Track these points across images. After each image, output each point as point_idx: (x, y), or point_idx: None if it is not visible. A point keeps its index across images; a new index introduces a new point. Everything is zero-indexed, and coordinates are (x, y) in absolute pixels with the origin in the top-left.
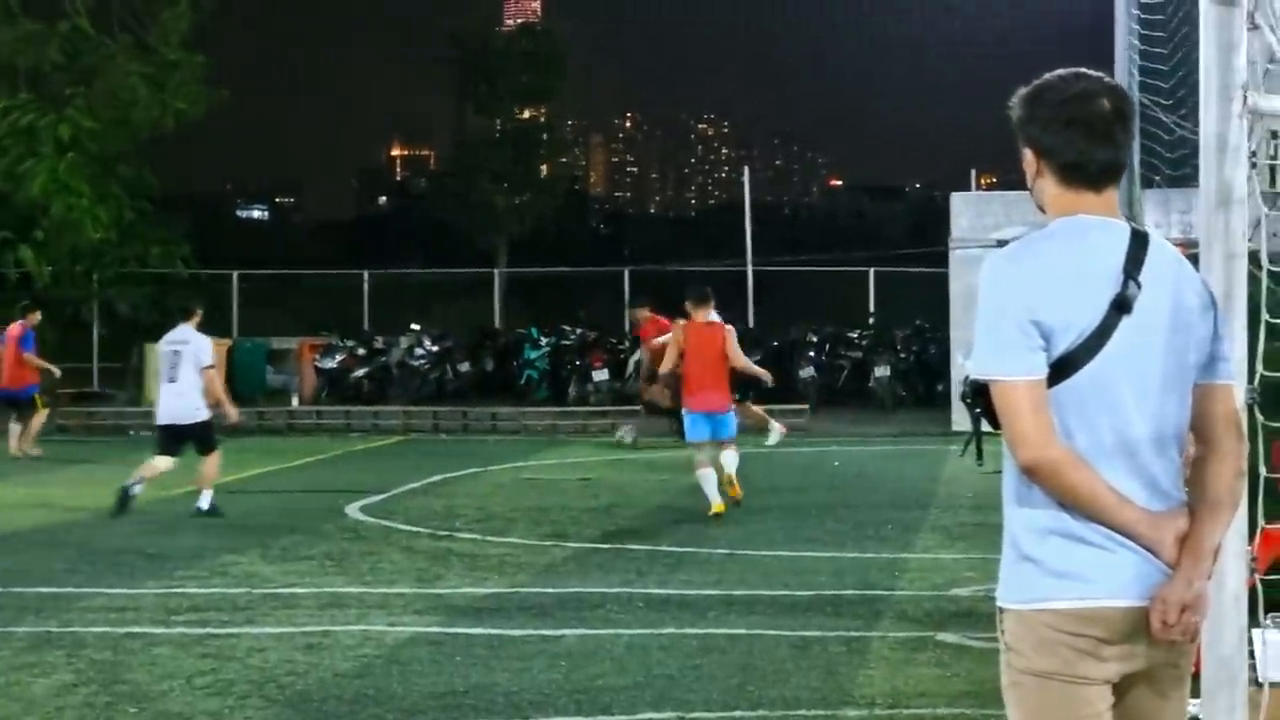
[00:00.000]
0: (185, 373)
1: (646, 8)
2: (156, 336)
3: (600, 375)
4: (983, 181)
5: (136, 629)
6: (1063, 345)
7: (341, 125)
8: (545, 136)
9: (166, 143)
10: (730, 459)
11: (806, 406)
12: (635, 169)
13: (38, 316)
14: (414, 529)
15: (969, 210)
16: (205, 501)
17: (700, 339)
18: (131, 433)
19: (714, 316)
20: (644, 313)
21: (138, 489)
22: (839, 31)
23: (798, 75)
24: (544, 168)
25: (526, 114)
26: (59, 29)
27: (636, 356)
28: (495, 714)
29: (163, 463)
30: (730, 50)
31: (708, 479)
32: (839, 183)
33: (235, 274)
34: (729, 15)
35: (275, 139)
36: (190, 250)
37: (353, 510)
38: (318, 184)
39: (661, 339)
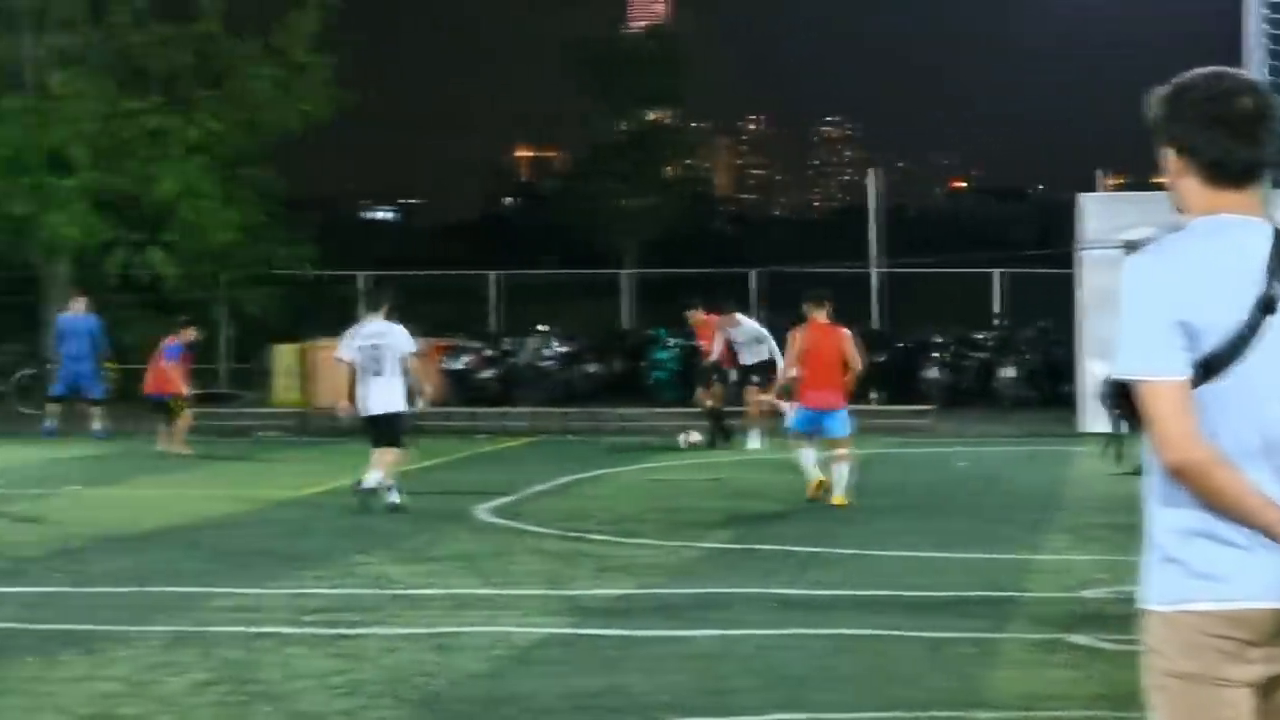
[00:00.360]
0: (390, 365)
1: (772, 10)
2: (284, 338)
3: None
4: (1108, 183)
5: (269, 629)
6: (1208, 346)
7: (468, 127)
8: (671, 138)
9: (294, 145)
10: (841, 470)
11: (932, 407)
12: (760, 171)
13: (191, 334)
14: (543, 530)
15: (1100, 211)
16: (373, 481)
17: (818, 340)
18: (258, 434)
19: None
20: (698, 314)
21: (385, 486)
22: (964, 33)
23: (923, 77)
24: (669, 169)
25: (652, 116)
26: (189, 32)
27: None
28: (626, 715)
29: (393, 455)
30: (855, 52)
31: (807, 456)
32: (963, 184)
33: (361, 275)
34: (854, 17)
35: (401, 141)
36: (317, 252)
37: (481, 512)
38: (444, 185)
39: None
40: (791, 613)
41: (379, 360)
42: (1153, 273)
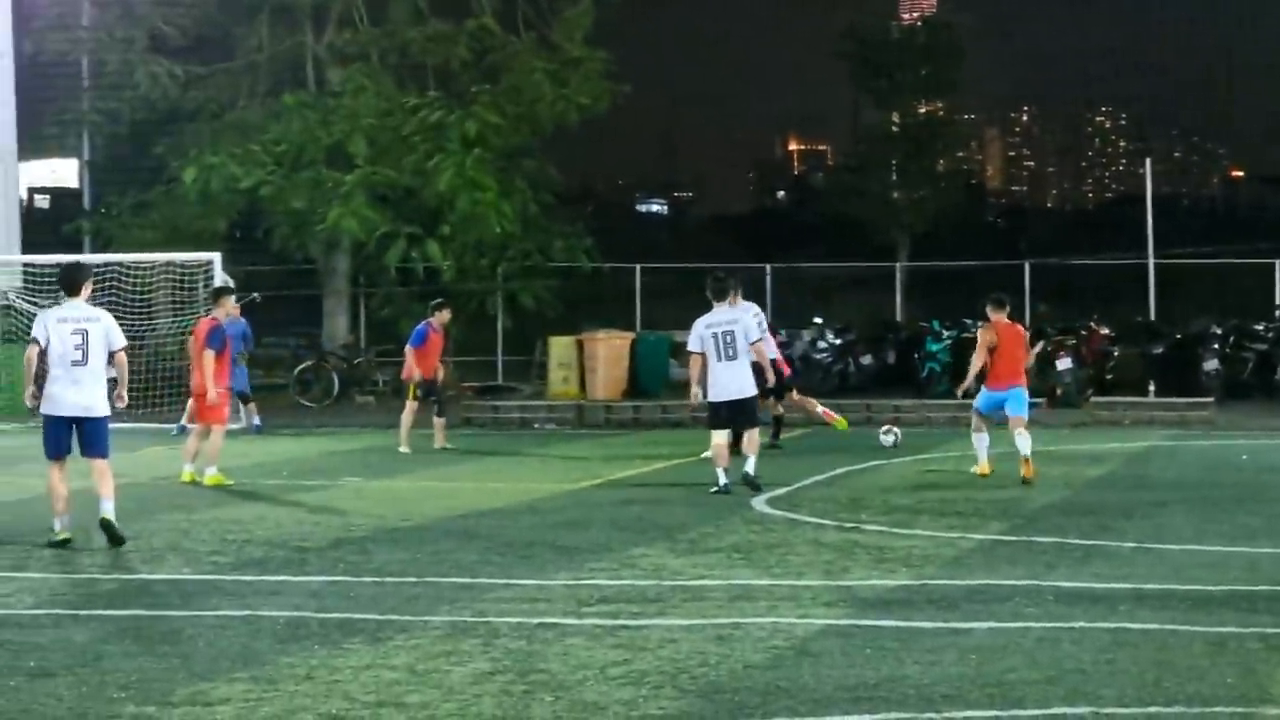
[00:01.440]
0: (741, 349)
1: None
2: (561, 330)
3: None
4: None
5: (549, 619)
6: None
7: (738, 120)
8: (942, 130)
9: (568, 137)
10: (1023, 442)
11: (1210, 399)
12: (1032, 162)
13: (446, 315)
14: (820, 521)
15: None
16: (751, 466)
17: (1004, 336)
18: (537, 425)
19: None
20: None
21: (752, 465)
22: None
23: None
24: (941, 162)
25: (924, 108)
26: (466, 28)
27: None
28: (906, 707)
29: (719, 436)
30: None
31: (982, 441)
32: (1240, 173)
33: (638, 267)
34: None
35: (673, 133)
36: (592, 244)
37: (758, 503)
38: (715, 178)
39: None
40: (1072, 606)
41: (731, 345)
42: None
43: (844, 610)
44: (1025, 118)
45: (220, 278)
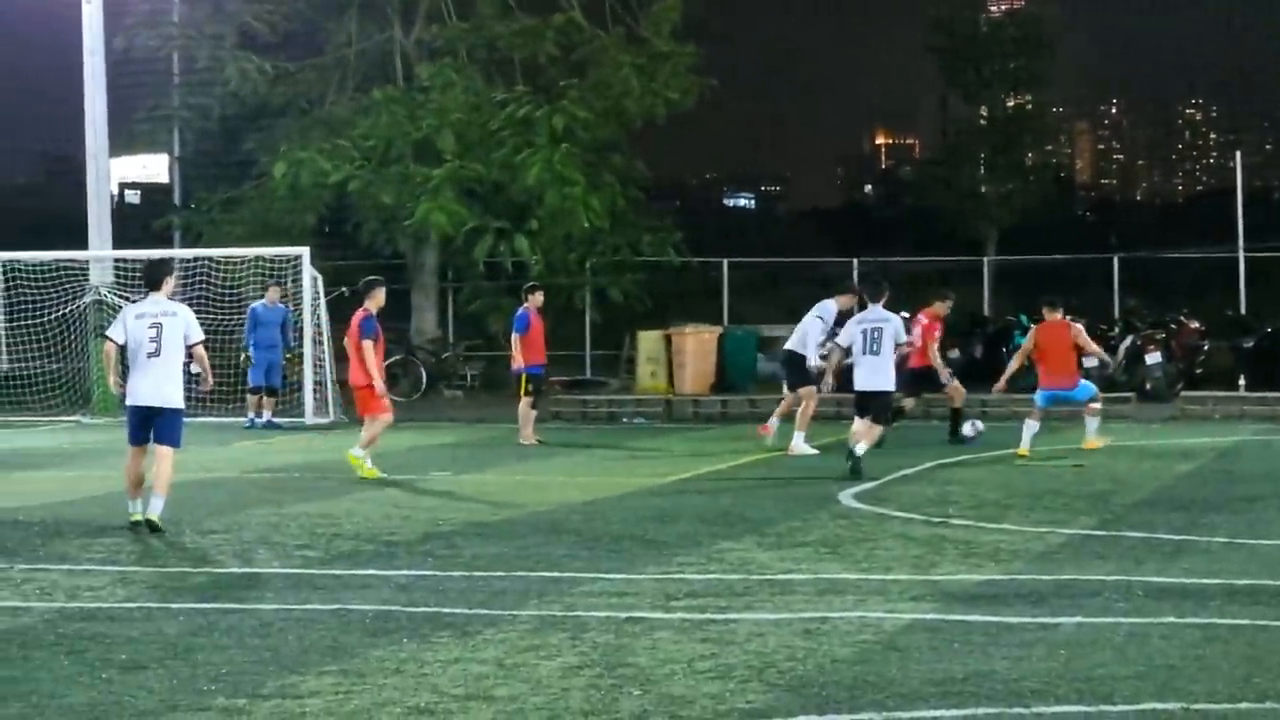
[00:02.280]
0: (886, 346)
1: None
2: (649, 324)
3: (1089, 363)
4: None
5: (637, 613)
6: None
7: (826, 113)
8: (1031, 124)
9: (656, 132)
10: (1091, 423)
11: None
12: (1121, 155)
13: (540, 296)
14: (908, 515)
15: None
16: (861, 449)
17: (1051, 335)
18: (625, 420)
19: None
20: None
21: (861, 449)
22: None
23: None
24: (1030, 155)
25: (1013, 101)
26: (554, 23)
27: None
28: (995, 701)
29: (860, 425)
30: (1218, 32)
31: (1031, 428)
32: None
33: (725, 262)
34: None
35: (760, 127)
36: (681, 238)
37: (846, 497)
38: (803, 172)
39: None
40: (1162, 601)
41: (877, 341)
42: None
43: (931, 605)
44: (1115, 111)
45: (309, 272)
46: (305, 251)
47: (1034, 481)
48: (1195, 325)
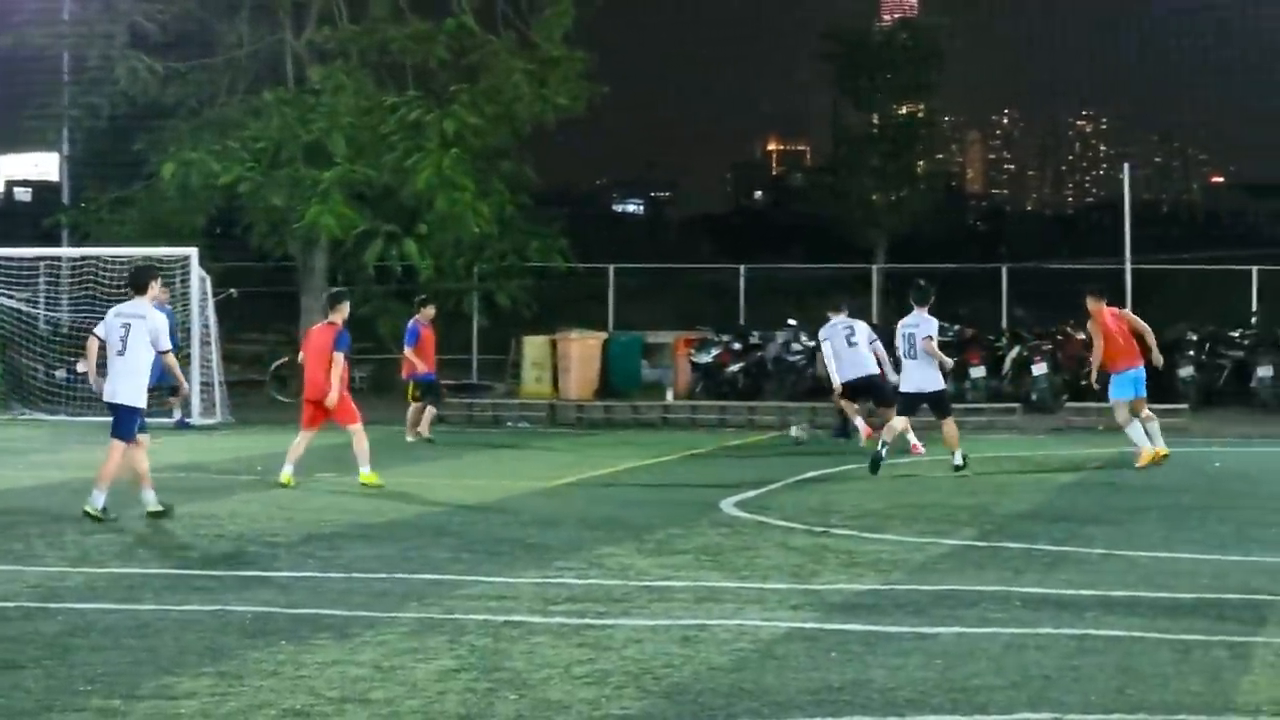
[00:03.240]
0: (919, 348)
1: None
2: (535, 329)
3: (977, 372)
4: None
5: (515, 617)
6: None
7: (717, 120)
8: (922, 133)
9: (547, 138)
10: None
11: (1185, 406)
12: (1012, 165)
13: (431, 310)
14: (789, 524)
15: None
16: (958, 458)
17: (1112, 321)
18: (510, 424)
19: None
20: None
21: (959, 457)
22: (1221, 24)
23: (1177, 70)
24: (920, 164)
25: (904, 110)
26: (445, 27)
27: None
28: (870, 711)
29: (900, 423)
30: (1108, 45)
31: (1137, 428)
32: (1220, 179)
33: (612, 268)
34: (1107, 9)
35: (651, 134)
36: (568, 244)
37: (728, 505)
38: (693, 179)
39: None
40: (1039, 612)
41: (913, 345)
42: None
43: (810, 614)
44: (1006, 121)
45: (197, 273)
46: (194, 252)
47: (917, 492)
48: (1082, 336)
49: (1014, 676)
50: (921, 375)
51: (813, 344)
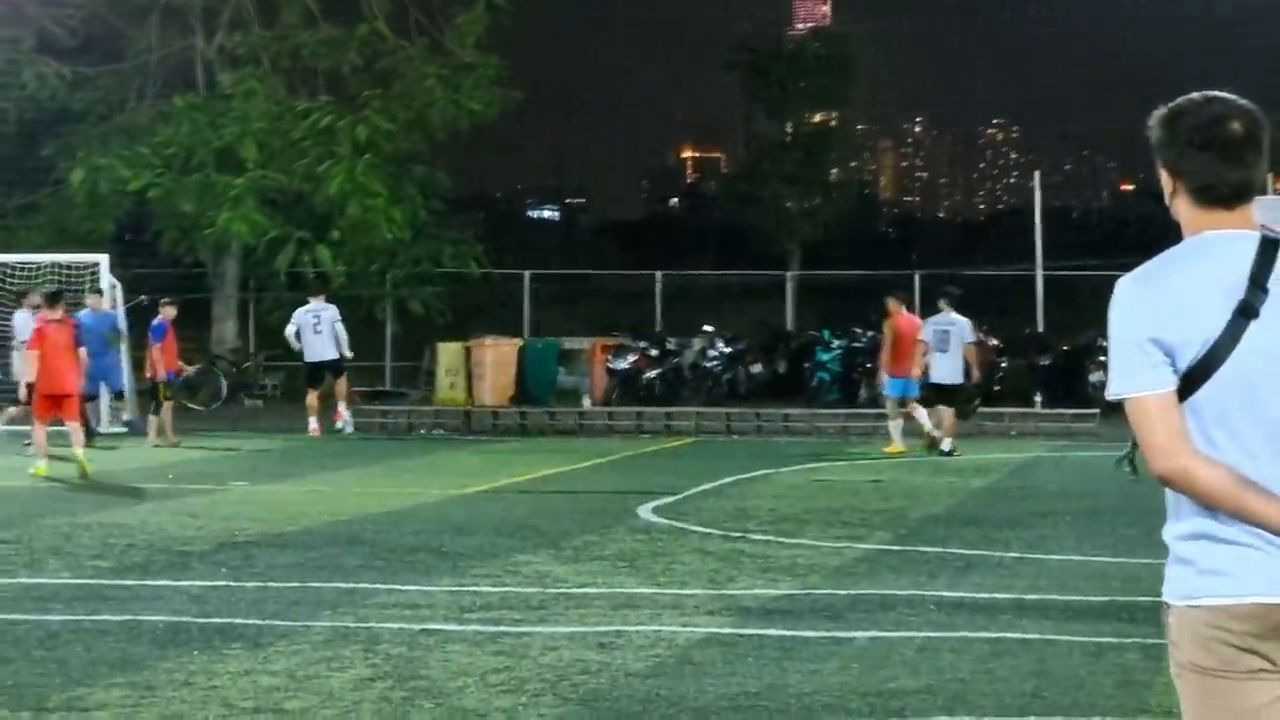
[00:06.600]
0: (955, 345)
1: (935, 11)
2: (449, 336)
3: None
4: (1278, 185)
5: (431, 626)
6: (1188, 358)
7: (632, 127)
8: (835, 141)
9: (459, 144)
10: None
11: (1096, 411)
12: (924, 173)
13: (173, 311)
14: (706, 530)
15: (1266, 215)
16: (947, 445)
17: (905, 329)
18: (424, 431)
19: None
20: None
21: (948, 444)
22: (1130, 32)
23: (1087, 78)
24: (834, 171)
25: (817, 118)
26: (358, 33)
27: None
28: (788, 715)
29: (945, 413)
30: (1018, 53)
31: (898, 425)
32: (1130, 186)
33: (527, 274)
34: (1016, 18)
35: (566, 140)
36: (482, 250)
37: (645, 511)
38: (608, 185)
39: None
40: (954, 615)
41: (945, 341)
42: (1128, 296)
43: (727, 619)
44: (918, 129)
45: (107, 279)
46: (104, 259)
47: (832, 496)
48: (993, 342)
49: (930, 680)
50: (950, 368)
51: (730, 350)
